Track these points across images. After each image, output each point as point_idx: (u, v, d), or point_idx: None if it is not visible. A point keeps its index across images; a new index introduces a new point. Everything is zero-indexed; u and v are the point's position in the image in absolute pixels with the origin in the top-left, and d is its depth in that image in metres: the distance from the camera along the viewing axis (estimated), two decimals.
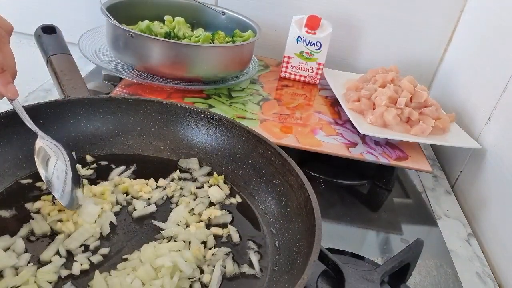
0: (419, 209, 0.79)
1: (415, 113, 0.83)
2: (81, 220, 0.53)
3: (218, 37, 0.93)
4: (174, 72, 0.84)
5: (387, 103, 0.84)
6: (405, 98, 0.84)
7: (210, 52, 0.85)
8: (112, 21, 0.82)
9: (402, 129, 0.83)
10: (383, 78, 0.91)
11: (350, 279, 0.52)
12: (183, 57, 0.82)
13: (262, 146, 0.63)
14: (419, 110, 0.85)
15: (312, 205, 0.51)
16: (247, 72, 0.97)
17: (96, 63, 0.84)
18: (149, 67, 0.84)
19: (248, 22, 0.98)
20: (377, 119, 0.83)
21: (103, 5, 0.86)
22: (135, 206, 0.58)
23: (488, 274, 0.68)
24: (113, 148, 0.67)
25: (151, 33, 0.89)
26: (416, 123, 0.83)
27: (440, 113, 0.87)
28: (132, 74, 0.85)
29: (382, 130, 0.82)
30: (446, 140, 0.83)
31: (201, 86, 0.87)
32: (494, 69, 0.87)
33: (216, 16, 1.03)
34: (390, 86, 0.87)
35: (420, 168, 0.78)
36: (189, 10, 1.02)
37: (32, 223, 0.53)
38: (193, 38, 0.91)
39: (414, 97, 0.85)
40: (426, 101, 0.86)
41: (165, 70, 0.83)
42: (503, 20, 0.88)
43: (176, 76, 0.84)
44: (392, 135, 0.81)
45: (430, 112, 0.84)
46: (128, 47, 0.83)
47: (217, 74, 0.88)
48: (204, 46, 0.87)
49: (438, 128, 0.83)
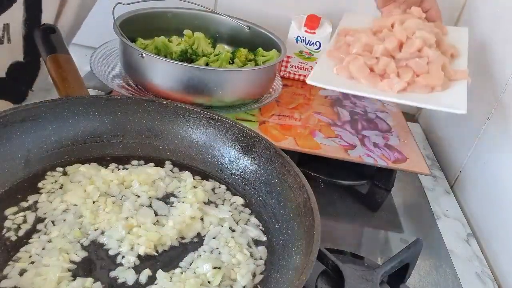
0: (419, 209, 0.79)
1: (392, 65, 0.66)
2: None
3: (239, 55, 0.88)
4: (185, 97, 0.76)
5: (360, 51, 0.69)
6: (381, 46, 0.67)
7: (226, 77, 0.78)
8: (123, 39, 0.76)
9: (372, 84, 0.67)
10: (381, 23, 0.74)
11: (350, 279, 0.52)
12: (195, 81, 0.75)
13: (261, 146, 0.63)
14: (407, 61, 0.68)
15: (311, 205, 0.51)
16: (271, 94, 0.90)
17: (108, 84, 0.79)
18: (162, 92, 0.77)
19: (273, 39, 0.91)
20: (343, 70, 0.68)
21: (117, 20, 0.80)
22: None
23: (488, 274, 0.68)
24: (113, 148, 0.67)
25: (166, 50, 0.84)
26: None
27: (436, 68, 0.67)
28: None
29: (332, 81, 0.67)
30: (422, 100, 0.65)
31: (216, 111, 0.73)
32: (493, 69, 0.87)
33: (240, 30, 0.96)
34: (367, 31, 0.73)
35: (418, 171, 0.78)
36: (212, 23, 0.96)
37: None
38: (212, 57, 0.87)
39: (405, 45, 0.69)
40: (422, 51, 0.68)
41: (176, 95, 0.76)
42: (502, 20, 0.88)
43: (189, 102, 0.74)
44: (342, 87, 0.65)
45: (415, 64, 0.66)
46: (139, 68, 0.77)
47: (234, 102, 0.81)
48: (217, 70, 0.80)
49: (422, 86, 0.66)
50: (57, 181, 0.60)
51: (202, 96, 0.77)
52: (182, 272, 0.51)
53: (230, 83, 0.79)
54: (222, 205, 0.61)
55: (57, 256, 0.49)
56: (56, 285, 0.46)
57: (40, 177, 0.60)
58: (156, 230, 0.54)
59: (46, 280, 0.46)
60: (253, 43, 0.94)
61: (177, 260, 0.52)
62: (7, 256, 0.49)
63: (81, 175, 0.61)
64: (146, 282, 0.49)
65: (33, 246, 0.50)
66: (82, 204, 0.56)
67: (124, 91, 0.79)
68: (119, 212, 0.56)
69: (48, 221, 0.54)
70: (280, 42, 0.91)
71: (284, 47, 0.89)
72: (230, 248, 0.55)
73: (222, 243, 0.55)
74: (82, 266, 0.49)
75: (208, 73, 0.77)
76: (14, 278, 0.46)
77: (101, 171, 0.62)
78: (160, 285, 0.49)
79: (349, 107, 0.97)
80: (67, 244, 0.51)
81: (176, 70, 0.76)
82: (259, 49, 0.92)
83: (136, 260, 0.51)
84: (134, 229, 0.54)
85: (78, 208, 0.56)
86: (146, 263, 0.51)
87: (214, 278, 0.50)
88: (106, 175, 0.61)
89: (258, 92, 0.85)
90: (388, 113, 0.97)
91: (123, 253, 0.52)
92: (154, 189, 0.61)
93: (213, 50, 0.92)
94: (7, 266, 0.47)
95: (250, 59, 0.90)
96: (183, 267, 0.51)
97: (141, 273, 0.50)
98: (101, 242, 0.53)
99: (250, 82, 0.82)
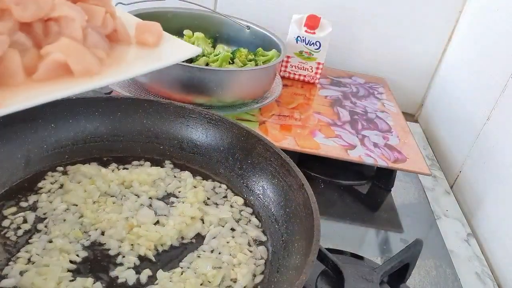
0: (419, 209, 0.79)
1: None
2: None
3: (239, 55, 0.88)
4: (185, 97, 0.76)
5: None
6: None
7: (226, 77, 0.77)
8: None
9: None
10: None
11: (350, 279, 0.52)
12: (195, 81, 0.75)
13: (261, 147, 0.63)
14: None
15: (311, 205, 0.51)
16: (271, 94, 0.89)
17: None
18: (162, 92, 0.77)
19: (273, 39, 0.92)
20: None
21: None
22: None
23: (488, 274, 0.68)
24: (112, 149, 0.67)
25: None
26: None
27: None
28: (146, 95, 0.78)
29: None
30: None
31: (217, 110, 0.76)
32: (493, 69, 0.87)
33: (240, 31, 0.96)
34: None
35: (418, 171, 0.78)
36: (212, 23, 0.96)
37: None
38: (212, 57, 0.86)
39: None
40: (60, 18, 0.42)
41: (176, 95, 0.76)
42: (502, 20, 0.88)
43: (189, 102, 0.74)
44: None
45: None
46: None
47: (234, 102, 0.81)
48: (217, 70, 0.79)
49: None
50: (57, 181, 0.60)
51: (202, 96, 0.77)
52: (182, 272, 0.51)
53: (230, 83, 0.79)
54: (222, 205, 0.61)
55: (58, 256, 0.49)
56: (56, 285, 0.46)
57: (40, 177, 0.60)
58: (156, 230, 0.54)
59: (46, 280, 0.46)
60: (253, 43, 0.94)
61: (177, 260, 0.52)
62: (7, 256, 0.49)
63: (81, 175, 0.61)
64: (146, 282, 0.49)
65: (33, 246, 0.50)
66: (82, 204, 0.56)
67: (124, 91, 0.79)
68: (119, 212, 0.56)
69: (48, 221, 0.54)
70: (280, 42, 0.91)
71: (284, 47, 0.89)
72: (230, 248, 0.55)
73: (222, 243, 0.55)
74: (82, 266, 0.49)
75: (208, 73, 0.77)
76: (14, 278, 0.46)
77: (101, 171, 0.62)
78: (160, 285, 0.49)
79: (349, 107, 0.97)
80: (68, 244, 0.51)
81: (176, 70, 0.75)
82: (259, 49, 0.92)
83: (136, 260, 0.51)
84: (134, 229, 0.54)
85: (78, 208, 0.56)
86: (146, 263, 0.51)
87: (214, 278, 0.50)
88: (106, 175, 0.61)
89: (258, 92, 0.85)
90: (388, 113, 0.97)
91: (124, 253, 0.52)
92: (154, 189, 0.61)
93: (213, 50, 0.92)
94: (7, 266, 0.47)
95: (250, 59, 0.90)
96: (183, 267, 0.51)
97: (141, 273, 0.50)
98: (102, 242, 0.53)
99: (250, 82, 0.82)
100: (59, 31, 0.41)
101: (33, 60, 0.39)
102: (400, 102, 1.06)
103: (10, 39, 0.37)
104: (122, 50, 0.46)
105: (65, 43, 0.39)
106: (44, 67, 0.38)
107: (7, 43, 0.37)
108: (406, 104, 1.16)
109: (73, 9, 0.41)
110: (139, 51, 0.47)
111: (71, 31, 0.41)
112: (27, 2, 0.39)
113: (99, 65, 0.41)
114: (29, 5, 0.39)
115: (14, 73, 0.37)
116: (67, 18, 0.40)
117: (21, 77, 0.38)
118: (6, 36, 0.37)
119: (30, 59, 0.39)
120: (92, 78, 0.40)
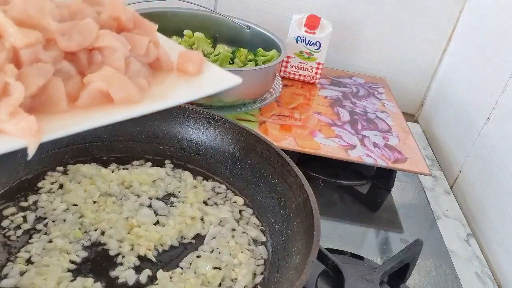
0: (419, 209, 0.79)
1: None
2: None
3: (239, 55, 0.88)
4: None
5: None
6: None
7: None
8: None
9: None
10: None
11: (350, 279, 0.52)
12: None
13: (261, 147, 0.63)
14: None
15: (311, 205, 0.51)
16: (271, 94, 0.89)
17: None
18: None
19: (273, 39, 0.92)
20: None
21: None
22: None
23: (488, 274, 0.68)
24: (112, 149, 0.67)
25: None
26: None
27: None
28: None
29: None
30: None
31: (217, 111, 0.73)
32: (493, 70, 0.87)
33: (240, 31, 0.96)
34: None
35: (418, 171, 0.78)
36: (212, 23, 0.96)
37: None
38: (212, 57, 0.86)
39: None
40: None
41: None
42: (502, 20, 0.88)
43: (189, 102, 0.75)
44: None
45: None
46: None
47: (234, 102, 0.81)
48: None
49: None
50: (57, 181, 0.60)
51: None
52: (182, 272, 0.51)
53: None
54: (222, 205, 0.61)
55: (58, 256, 0.49)
56: (56, 285, 0.46)
57: (40, 177, 0.60)
58: (156, 230, 0.54)
59: (46, 280, 0.46)
60: (253, 43, 0.94)
61: (177, 260, 0.52)
62: (7, 256, 0.49)
63: (81, 175, 0.61)
64: (146, 282, 0.49)
65: (33, 246, 0.50)
66: (82, 204, 0.56)
67: None
68: (119, 212, 0.56)
69: (48, 221, 0.54)
70: (280, 42, 0.91)
71: (284, 47, 0.88)
72: (230, 248, 0.55)
73: (222, 243, 0.55)
74: (82, 266, 0.49)
75: None
76: (14, 278, 0.46)
77: (101, 171, 0.62)
78: (160, 285, 0.49)
79: (349, 107, 0.97)
80: (68, 244, 0.51)
81: None
82: (259, 49, 0.92)
83: (136, 260, 0.51)
84: (134, 229, 0.54)
85: (78, 208, 0.56)
86: (146, 263, 0.51)
87: (214, 278, 0.50)
88: (106, 175, 0.61)
89: (258, 92, 0.85)
90: (388, 113, 0.97)
91: (124, 253, 0.52)
92: (154, 189, 0.61)
93: (213, 50, 0.92)
94: (7, 266, 0.47)
95: (250, 59, 0.90)
96: (183, 267, 0.51)
97: (141, 273, 0.50)
98: (102, 242, 0.53)
99: (250, 82, 0.82)
100: (102, 60, 0.42)
101: (76, 87, 0.40)
102: (400, 102, 1.06)
103: (55, 67, 0.38)
104: (164, 77, 0.47)
105: (108, 73, 0.40)
106: (87, 95, 0.39)
107: (51, 72, 0.37)
108: (406, 104, 1.16)
109: (116, 39, 0.42)
110: (180, 80, 0.48)
111: (113, 60, 0.41)
112: (72, 32, 0.40)
113: (140, 94, 0.42)
114: (74, 36, 0.40)
115: (57, 100, 0.38)
116: (110, 48, 0.41)
117: (64, 104, 0.38)
118: (50, 65, 0.37)
119: (73, 86, 0.39)
120: (133, 106, 0.41)
